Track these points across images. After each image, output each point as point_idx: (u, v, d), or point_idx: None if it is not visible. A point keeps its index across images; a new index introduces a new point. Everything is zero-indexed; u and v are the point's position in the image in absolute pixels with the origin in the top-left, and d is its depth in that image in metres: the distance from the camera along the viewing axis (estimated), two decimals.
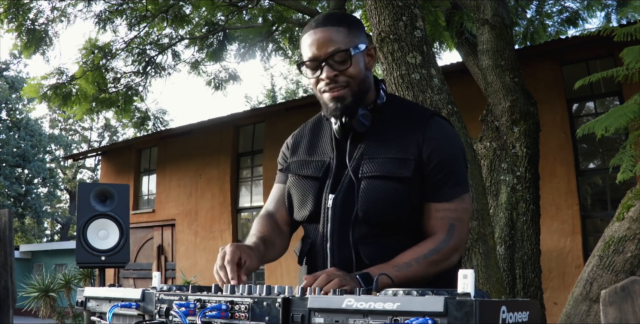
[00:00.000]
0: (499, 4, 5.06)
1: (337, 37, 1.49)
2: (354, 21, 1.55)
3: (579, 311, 3.26)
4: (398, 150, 1.51)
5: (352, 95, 1.51)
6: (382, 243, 1.51)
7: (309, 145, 1.66)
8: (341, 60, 1.49)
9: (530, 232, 4.61)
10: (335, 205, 1.52)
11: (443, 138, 1.53)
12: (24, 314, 13.70)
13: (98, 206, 3.40)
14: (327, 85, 1.51)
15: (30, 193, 26.73)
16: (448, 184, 1.50)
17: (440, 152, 1.50)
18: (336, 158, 1.58)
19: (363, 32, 1.55)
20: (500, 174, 4.77)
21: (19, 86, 24.22)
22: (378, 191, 1.48)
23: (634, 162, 3.16)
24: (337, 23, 1.50)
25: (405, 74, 3.39)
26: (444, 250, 1.46)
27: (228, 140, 10.76)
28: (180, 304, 1.22)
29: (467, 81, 5.89)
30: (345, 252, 1.51)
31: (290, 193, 1.64)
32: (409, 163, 1.49)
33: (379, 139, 1.54)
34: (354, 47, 1.49)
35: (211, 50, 8.16)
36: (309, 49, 1.50)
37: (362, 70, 1.52)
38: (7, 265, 2.61)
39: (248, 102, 27.88)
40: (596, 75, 3.60)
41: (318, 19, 1.53)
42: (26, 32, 7.71)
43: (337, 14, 1.56)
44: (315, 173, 1.58)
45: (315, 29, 1.50)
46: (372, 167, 1.50)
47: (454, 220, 1.50)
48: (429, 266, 1.44)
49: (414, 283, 1.42)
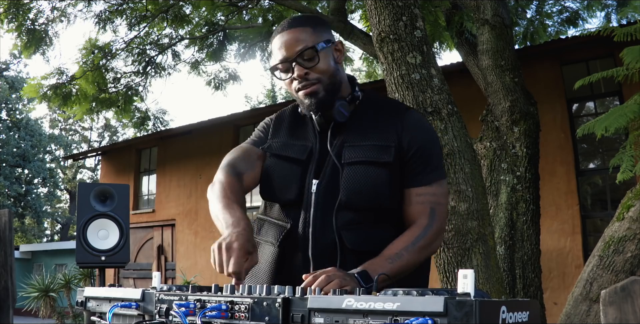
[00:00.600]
0: (499, 4, 5.06)
1: (303, 37, 1.55)
2: (318, 21, 1.62)
3: (579, 311, 3.26)
4: (378, 138, 1.57)
5: (325, 90, 1.57)
6: (365, 229, 1.54)
7: (290, 129, 1.69)
8: (309, 58, 1.55)
9: (530, 232, 4.61)
10: (319, 190, 1.55)
11: (420, 128, 1.61)
12: (24, 314, 13.71)
13: (98, 206, 3.40)
14: (299, 83, 1.57)
15: (30, 193, 26.74)
16: (427, 169, 1.57)
17: (419, 140, 1.58)
18: (319, 143, 1.61)
19: (328, 30, 1.63)
20: (500, 174, 4.77)
21: (19, 86, 24.23)
22: (360, 176, 1.53)
23: (634, 161, 3.16)
24: (301, 24, 1.58)
25: (405, 74, 3.39)
26: (429, 235, 1.51)
27: (228, 140, 10.76)
28: (180, 304, 1.22)
29: (467, 81, 5.89)
30: (328, 237, 1.53)
31: (269, 173, 1.64)
32: (389, 150, 1.55)
33: (358, 128, 1.60)
34: (320, 43, 1.56)
35: (211, 50, 8.16)
36: (279, 52, 1.57)
37: (332, 65, 1.58)
38: (7, 265, 2.61)
39: (248, 102, 27.93)
40: (596, 75, 3.60)
41: (283, 23, 1.60)
42: (26, 32, 7.71)
43: (301, 16, 1.65)
44: (299, 155, 1.61)
45: (282, 33, 1.57)
46: (354, 153, 1.56)
47: (434, 204, 1.55)
48: (419, 253, 1.49)
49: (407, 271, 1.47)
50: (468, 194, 3.32)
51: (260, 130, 1.77)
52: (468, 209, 3.30)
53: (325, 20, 1.67)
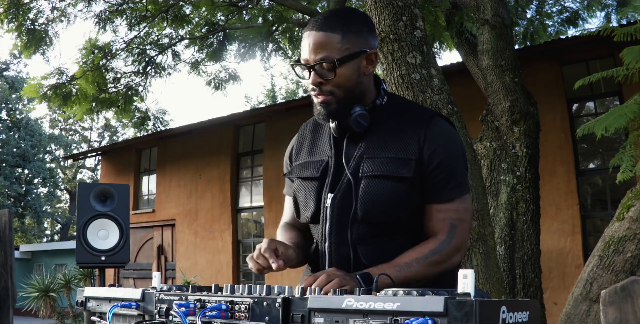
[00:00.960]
0: (499, 4, 5.06)
1: (328, 44, 1.46)
2: (354, 24, 1.49)
3: (579, 311, 3.26)
4: (399, 149, 1.50)
5: (337, 102, 1.50)
6: (381, 243, 1.50)
7: (311, 145, 1.65)
8: (328, 69, 1.47)
9: (530, 232, 4.61)
10: (333, 204, 1.52)
11: (444, 139, 1.52)
12: (24, 314, 13.70)
13: (98, 206, 3.40)
14: (312, 90, 1.52)
15: (30, 193, 26.73)
16: (449, 185, 1.50)
17: (441, 152, 1.49)
18: (334, 157, 1.57)
19: (363, 36, 1.50)
20: (500, 174, 4.77)
21: (19, 86, 24.21)
22: (377, 190, 1.48)
23: (634, 161, 3.16)
24: (332, 28, 1.46)
25: (405, 74, 3.39)
26: (445, 251, 1.46)
27: (228, 140, 10.76)
28: (180, 304, 1.22)
29: (467, 81, 5.89)
30: (343, 252, 1.51)
31: (295, 196, 1.64)
32: (409, 163, 1.48)
33: (379, 138, 1.53)
34: (343, 56, 1.46)
35: (211, 50, 8.16)
36: (303, 51, 1.51)
37: (352, 79, 1.49)
38: (7, 265, 2.61)
39: (248, 102, 27.90)
40: (596, 75, 3.60)
41: (317, 19, 1.50)
42: (26, 32, 7.71)
43: (337, 17, 1.50)
44: (314, 173, 1.58)
45: (311, 31, 1.48)
46: (372, 166, 1.50)
47: (456, 221, 1.49)
48: (430, 267, 1.44)
49: (415, 284, 1.42)
50: None
51: (285, 162, 1.75)
52: None
53: (365, 23, 1.52)
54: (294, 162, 1.68)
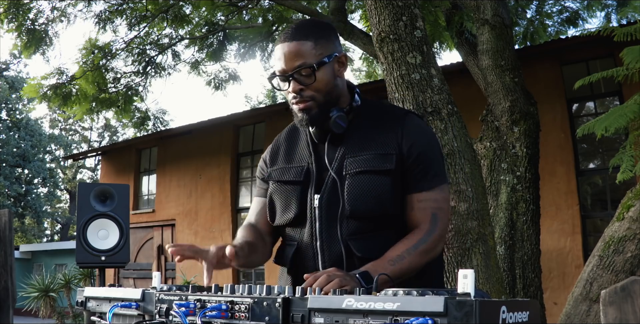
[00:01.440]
0: (499, 4, 5.06)
1: (303, 52, 1.53)
2: (323, 31, 1.58)
3: (579, 311, 3.26)
4: (378, 146, 1.57)
5: (318, 107, 1.57)
6: (372, 237, 1.55)
7: (286, 153, 1.72)
8: (307, 74, 1.53)
9: (530, 232, 4.61)
10: (321, 204, 1.57)
11: (420, 133, 1.61)
12: (24, 314, 13.70)
13: (98, 206, 3.40)
14: (294, 98, 1.58)
15: (30, 193, 26.73)
16: (428, 175, 1.57)
17: (419, 145, 1.58)
18: (315, 162, 1.63)
19: (332, 41, 1.58)
20: (500, 174, 4.77)
21: (19, 86, 24.21)
22: (363, 185, 1.54)
23: (634, 161, 3.17)
24: (304, 36, 1.53)
25: (405, 74, 3.39)
26: (431, 239, 1.52)
27: (228, 140, 10.76)
28: (180, 304, 1.22)
29: (467, 81, 5.89)
30: (335, 248, 1.55)
31: (272, 199, 1.68)
32: (390, 157, 1.55)
33: (358, 139, 1.60)
34: (320, 61, 1.53)
35: (211, 50, 8.16)
36: (278, 62, 1.56)
37: (330, 82, 1.57)
38: (7, 265, 2.61)
39: (248, 102, 27.93)
40: (596, 75, 3.60)
41: (287, 32, 1.57)
42: (26, 32, 7.71)
43: (306, 26, 1.58)
44: (297, 177, 1.63)
45: (283, 43, 1.54)
46: (355, 164, 1.57)
47: (436, 210, 1.56)
48: (420, 257, 1.50)
49: (408, 274, 1.48)
50: (468, 194, 3.32)
51: (259, 171, 1.80)
52: (468, 209, 3.30)
53: (331, 29, 1.63)
54: (270, 168, 1.73)
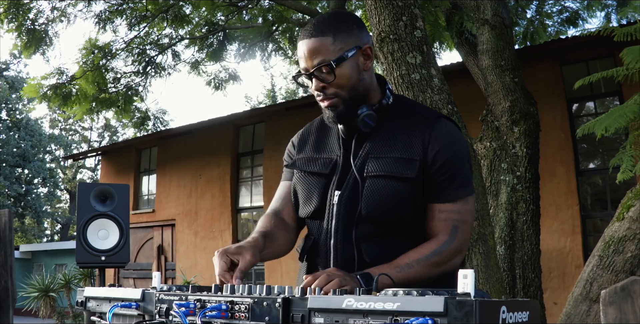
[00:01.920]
0: (499, 4, 5.06)
1: (322, 48, 1.48)
2: (343, 24, 1.52)
3: (579, 311, 3.26)
4: (404, 149, 1.51)
5: (344, 103, 1.52)
6: (385, 242, 1.51)
7: (316, 142, 1.67)
8: (327, 72, 1.49)
9: (530, 232, 4.61)
10: (340, 202, 1.53)
11: (449, 139, 1.53)
12: (24, 314, 13.71)
13: (98, 206, 3.40)
14: (318, 95, 1.54)
15: (30, 193, 26.73)
16: (453, 185, 1.50)
17: (446, 153, 1.50)
18: (343, 156, 1.59)
19: (354, 33, 1.52)
20: (500, 174, 4.77)
21: (19, 86, 24.21)
22: (381, 190, 1.49)
23: (634, 161, 3.16)
24: (322, 32, 1.49)
25: (405, 74, 3.39)
26: (446, 252, 1.46)
27: (228, 140, 10.75)
28: (180, 304, 1.22)
29: (467, 81, 5.89)
30: (348, 250, 1.51)
31: (295, 189, 1.64)
32: (414, 164, 1.49)
33: (384, 138, 1.55)
34: (339, 56, 1.48)
35: (211, 50, 8.16)
36: (301, 61, 1.53)
37: (352, 77, 1.51)
38: (7, 265, 2.61)
39: (248, 102, 27.91)
40: (596, 75, 3.60)
41: (307, 28, 1.53)
42: (26, 32, 7.71)
43: (325, 20, 1.53)
44: (322, 169, 1.59)
45: (303, 40, 1.51)
46: (377, 166, 1.51)
47: (458, 222, 1.49)
48: (430, 268, 1.44)
49: (415, 284, 1.41)
50: None
51: (286, 154, 1.75)
52: None
53: (353, 21, 1.55)
54: (297, 155, 1.68)
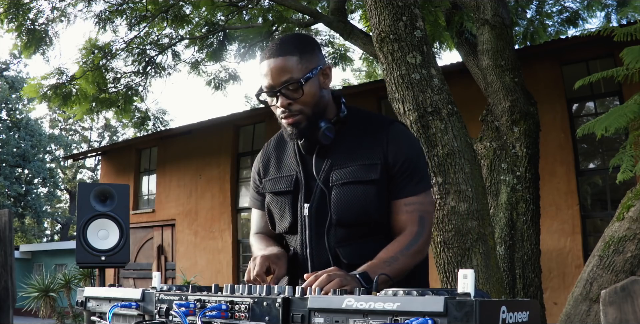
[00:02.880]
0: (499, 4, 5.06)
1: (289, 67, 1.54)
2: (306, 46, 1.60)
3: (579, 311, 3.26)
4: (364, 156, 1.61)
5: (307, 119, 1.59)
6: (358, 244, 1.59)
7: (277, 162, 1.75)
8: (294, 89, 1.55)
9: (530, 232, 4.61)
10: (310, 212, 1.62)
11: (404, 140, 1.64)
12: (24, 314, 13.71)
13: (98, 206, 3.40)
14: (282, 112, 1.59)
15: (30, 193, 26.73)
16: (413, 181, 1.61)
17: (404, 152, 1.61)
18: (302, 171, 1.66)
19: (316, 54, 1.60)
20: (500, 174, 4.77)
21: (19, 86, 24.21)
22: (348, 195, 1.58)
23: (634, 162, 3.16)
24: (288, 52, 1.55)
25: (405, 74, 3.39)
26: (421, 241, 1.57)
27: (228, 140, 10.75)
28: (180, 304, 1.22)
29: (467, 81, 5.89)
30: (323, 256, 1.60)
31: (270, 209, 1.73)
32: (375, 167, 1.59)
33: (344, 149, 1.64)
34: (305, 75, 1.55)
35: (211, 50, 8.16)
36: (265, 78, 1.58)
37: (316, 94, 1.59)
38: (7, 265, 2.61)
39: (248, 102, 27.89)
40: (596, 75, 3.60)
41: (272, 47, 1.59)
42: (26, 32, 7.71)
43: (289, 41, 1.60)
44: (287, 187, 1.68)
45: (269, 59, 1.56)
46: (341, 175, 1.60)
47: (423, 212, 1.60)
48: (412, 257, 1.54)
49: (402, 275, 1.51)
50: (468, 194, 3.32)
51: (252, 183, 1.83)
52: (468, 209, 3.30)
53: (314, 43, 1.65)
54: (264, 178, 1.76)
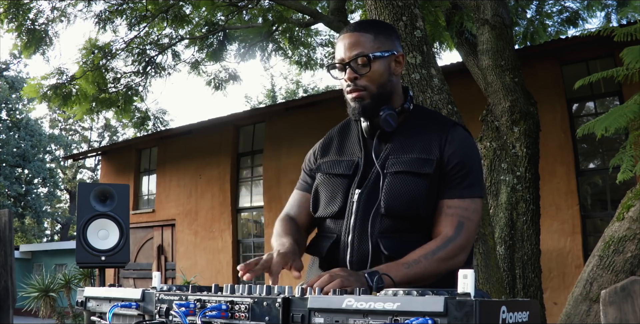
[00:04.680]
0: (499, 4, 5.06)
1: (362, 42, 1.59)
2: (383, 29, 1.65)
3: (579, 311, 3.26)
4: (422, 151, 1.60)
5: (371, 97, 1.60)
6: (402, 236, 1.55)
7: (339, 145, 1.74)
8: (363, 64, 1.58)
9: (530, 232, 4.61)
10: (360, 199, 1.59)
11: (464, 143, 1.62)
12: (24, 314, 13.71)
13: (98, 206, 3.40)
14: (348, 86, 1.61)
15: (30, 193, 26.72)
16: (464, 183, 1.57)
17: (460, 154, 1.59)
18: (364, 157, 1.66)
19: (392, 39, 1.64)
20: (500, 174, 4.77)
21: (19, 86, 24.20)
22: (400, 185, 1.56)
23: (634, 162, 3.16)
24: (364, 29, 1.61)
25: (405, 74, 3.39)
26: (451, 247, 1.51)
27: (228, 140, 10.75)
28: (180, 304, 1.22)
29: (467, 81, 5.89)
30: (364, 245, 1.56)
31: (318, 191, 1.70)
32: (430, 162, 1.57)
33: (404, 141, 1.63)
34: (376, 52, 1.59)
35: (211, 50, 8.16)
36: (338, 52, 1.63)
37: (384, 75, 1.61)
38: (7, 265, 2.61)
39: (248, 102, 27.89)
40: (596, 75, 3.60)
41: (351, 25, 1.65)
42: (26, 32, 7.71)
43: (369, 21, 1.69)
44: (346, 171, 1.66)
45: (345, 34, 1.62)
46: (397, 164, 1.59)
47: (464, 218, 1.54)
48: (438, 263, 1.48)
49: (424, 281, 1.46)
50: None
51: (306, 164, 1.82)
52: None
53: (393, 30, 1.69)
54: (320, 160, 1.75)
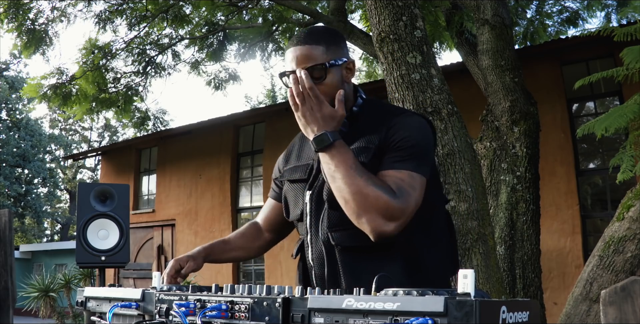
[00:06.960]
0: (499, 4, 5.06)
1: (315, 55, 1.59)
2: (334, 38, 1.65)
3: (579, 311, 3.26)
4: (362, 141, 1.60)
5: None
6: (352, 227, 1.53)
7: (298, 152, 1.80)
8: (317, 76, 1.59)
9: (530, 232, 4.61)
10: (312, 199, 1.65)
11: (407, 125, 1.58)
12: (24, 314, 13.71)
13: (98, 206, 3.40)
14: None
15: (30, 193, 26.73)
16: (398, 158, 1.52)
17: (403, 132, 1.55)
18: (317, 160, 1.68)
19: (342, 47, 1.65)
20: (500, 174, 4.77)
21: (19, 86, 24.21)
22: None
23: (634, 161, 3.17)
24: (315, 41, 1.61)
25: (405, 74, 3.39)
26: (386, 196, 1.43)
27: (228, 140, 10.75)
28: (180, 304, 1.22)
29: (467, 81, 5.89)
30: (319, 241, 1.62)
31: (286, 197, 1.77)
32: (368, 150, 1.56)
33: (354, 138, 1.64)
34: (330, 62, 1.59)
35: (211, 50, 8.15)
36: (291, 63, 1.62)
37: (338, 85, 1.61)
38: (7, 265, 2.61)
39: (248, 102, 27.93)
40: (596, 75, 3.60)
41: (299, 36, 1.63)
42: (26, 32, 7.71)
43: (318, 31, 1.65)
44: (302, 175, 1.71)
45: (295, 47, 1.61)
46: None
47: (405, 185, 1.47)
48: (366, 185, 1.44)
49: (344, 187, 1.46)
50: (468, 194, 3.32)
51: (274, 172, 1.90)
52: (468, 209, 3.30)
53: (339, 37, 1.69)
54: (284, 168, 1.82)
